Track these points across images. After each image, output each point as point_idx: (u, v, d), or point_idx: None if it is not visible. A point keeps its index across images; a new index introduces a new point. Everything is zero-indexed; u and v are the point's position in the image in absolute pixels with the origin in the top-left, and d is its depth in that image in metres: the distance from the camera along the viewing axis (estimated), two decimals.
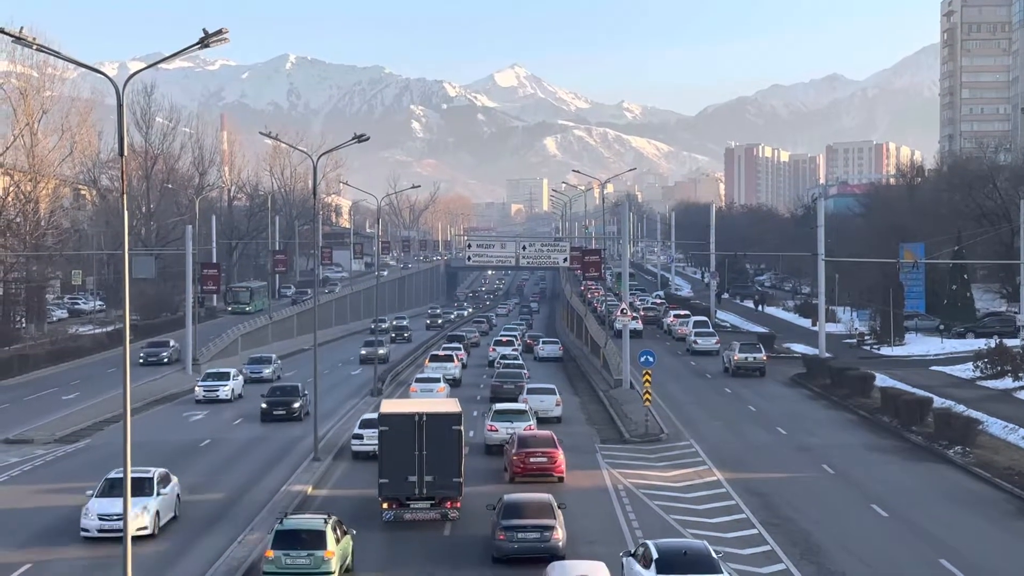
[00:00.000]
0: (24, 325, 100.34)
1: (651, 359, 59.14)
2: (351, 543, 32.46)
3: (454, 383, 74.20)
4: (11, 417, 61.94)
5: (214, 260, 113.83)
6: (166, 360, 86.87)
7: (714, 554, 29.20)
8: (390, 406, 41.51)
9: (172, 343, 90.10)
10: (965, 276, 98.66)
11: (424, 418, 37.87)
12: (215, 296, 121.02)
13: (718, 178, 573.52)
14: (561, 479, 43.63)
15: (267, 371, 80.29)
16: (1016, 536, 36.90)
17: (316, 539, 30.58)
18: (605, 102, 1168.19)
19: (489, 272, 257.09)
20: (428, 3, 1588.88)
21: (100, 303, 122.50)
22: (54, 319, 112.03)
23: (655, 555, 28.62)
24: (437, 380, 67.71)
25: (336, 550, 30.81)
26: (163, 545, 34.95)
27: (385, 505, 37.68)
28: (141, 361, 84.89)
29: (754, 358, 79.00)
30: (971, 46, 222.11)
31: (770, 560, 33.26)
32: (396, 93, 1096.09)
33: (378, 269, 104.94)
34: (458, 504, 37.95)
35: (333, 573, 30.53)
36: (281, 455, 50.68)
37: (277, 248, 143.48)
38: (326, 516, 32.12)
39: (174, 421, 62.24)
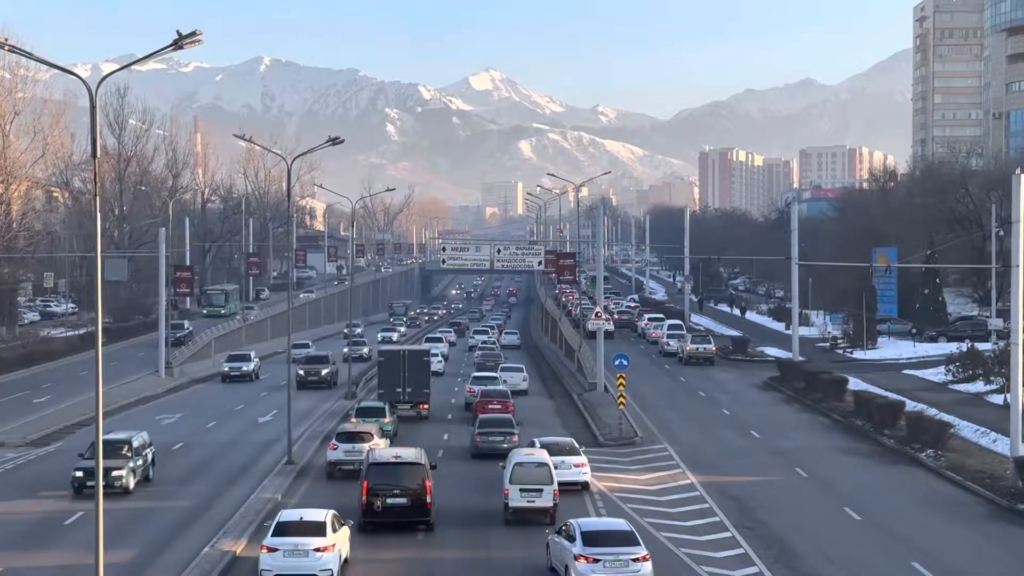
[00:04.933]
0: None
1: (625, 362, 59.20)
2: (396, 424, 54.91)
3: (444, 359, 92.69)
4: None
5: (187, 263, 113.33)
6: None
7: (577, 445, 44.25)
8: (386, 346, 74.01)
9: None
10: (937, 280, 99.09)
11: (407, 352, 63.04)
12: (188, 299, 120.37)
13: (692, 182, 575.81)
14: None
15: None
16: (987, 539, 37.11)
17: (377, 418, 52.42)
18: (580, 106, 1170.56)
19: (453, 291, 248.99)
20: (403, 6, 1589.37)
21: (72, 306, 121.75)
22: (26, 322, 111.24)
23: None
24: (439, 352, 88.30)
25: (384, 439, 48.85)
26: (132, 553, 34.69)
27: None
28: None
29: (704, 348, 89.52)
30: (943, 52, 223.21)
31: (744, 563, 33.32)
32: (371, 96, 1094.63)
33: (351, 272, 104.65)
34: (428, 406, 62.09)
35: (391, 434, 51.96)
36: (255, 459, 50.47)
37: (251, 251, 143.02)
38: (385, 406, 55.39)
39: (147, 425, 61.67)
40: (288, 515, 32.65)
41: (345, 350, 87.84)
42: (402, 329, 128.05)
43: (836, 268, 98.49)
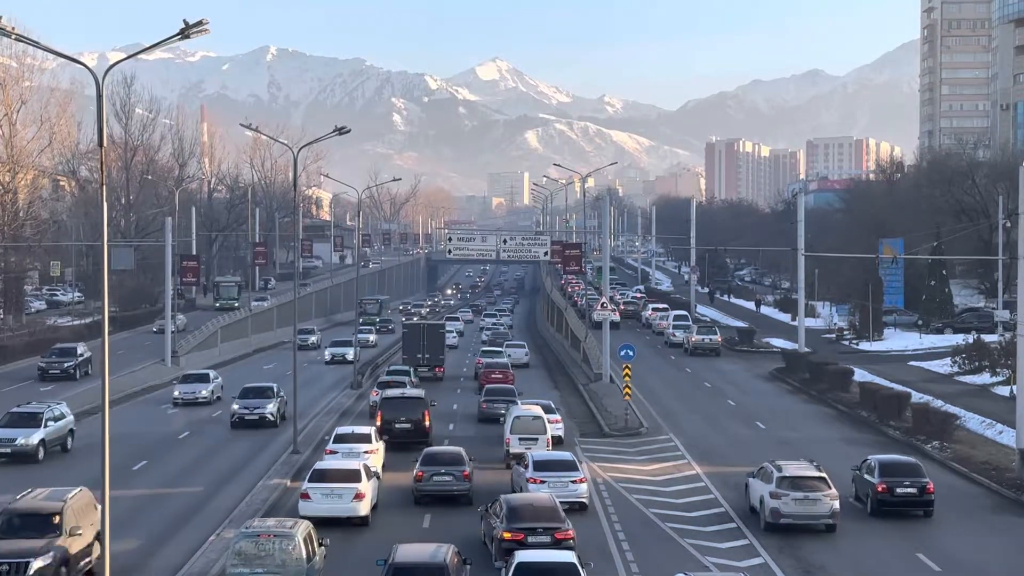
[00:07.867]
0: (2, 316, 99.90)
1: (631, 353, 59.09)
2: (419, 383, 64.42)
3: (460, 335, 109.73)
4: None
5: (194, 252, 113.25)
6: None
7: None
8: (409, 320, 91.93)
9: None
10: (944, 272, 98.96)
11: (425, 326, 79.38)
12: (194, 288, 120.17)
13: (699, 173, 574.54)
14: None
15: None
16: (992, 530, 37.12)
17: (406, 376, 63.31)
18: (586, 96, 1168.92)
19: (449, 291, 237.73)
20: None
21: (79, 294, 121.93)
22: (32, 310, 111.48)
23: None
24: (454, 329, 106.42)
25: (414, 381, 63.20)
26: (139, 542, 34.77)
27: None
28: None
29: (709, 339, 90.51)
30: (951, 43, 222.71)
31: (749, 554, 33.36)
32: (377, 86, 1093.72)
33: (357, 262, 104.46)
34: (442, 369, 76.30)
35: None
36: (260, 449, 50.59)
37: (257, 240, 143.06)
38: (411, 368, 68.13)
39: (153, 414, 61.98)
40: (343, 429, 44.63)
41: (235, 406, 55.67)
42: (371, 338, 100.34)
43: (842, 259, 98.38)
